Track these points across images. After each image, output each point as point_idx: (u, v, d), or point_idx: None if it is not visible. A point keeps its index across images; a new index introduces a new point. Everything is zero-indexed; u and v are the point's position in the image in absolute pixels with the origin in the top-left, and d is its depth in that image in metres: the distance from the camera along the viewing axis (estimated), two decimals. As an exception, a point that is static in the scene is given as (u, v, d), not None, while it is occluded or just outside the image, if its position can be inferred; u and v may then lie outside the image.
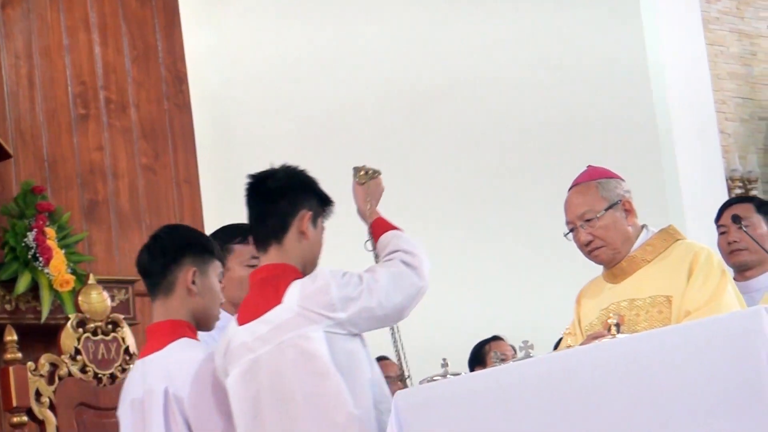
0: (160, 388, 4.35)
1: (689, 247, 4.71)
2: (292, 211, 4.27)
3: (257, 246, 4.33)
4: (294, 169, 4.38)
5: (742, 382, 3.30)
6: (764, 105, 10.01)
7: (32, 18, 7.34)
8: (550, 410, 3.73)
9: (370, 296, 4.12)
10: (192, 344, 4.44)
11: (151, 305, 4.61)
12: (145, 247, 4.60)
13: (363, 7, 8.54)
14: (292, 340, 4.11)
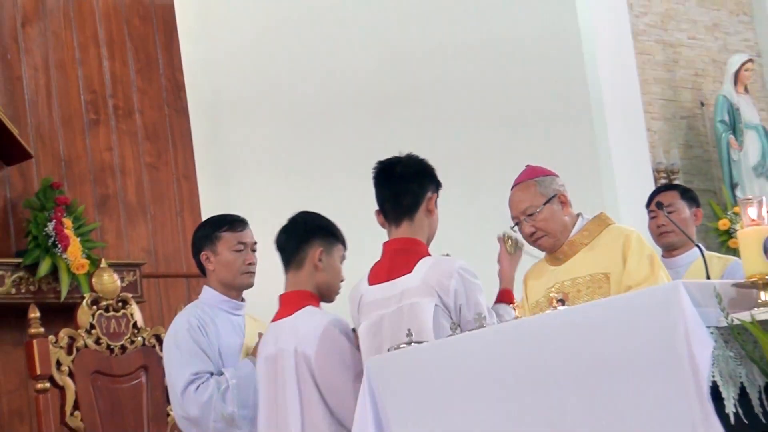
0: (290, 347, 4.51)
1: (620, 231, 4.76)
2: (422, 192, 4.48)
3: (390, 221, 4.51)
4: (417, 157, 4.55)
5: (663, 347, 3.31)
6: (685, 106, 10.04)
7: (48, 35, 7.31)
8: (502, 371, 3.74)
9: (468, 307, 4.28)
10: (316, 311, 4.60)
11: (285, 276, 4.76)
12: (283, 228, 4.78)
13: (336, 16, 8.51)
14: (411, 305, 4.29)
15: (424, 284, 4.31)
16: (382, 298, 4.40)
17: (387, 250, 4.51)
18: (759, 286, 3.38)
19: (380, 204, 4.55)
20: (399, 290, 4.36)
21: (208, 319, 4.94)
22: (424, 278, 4.32)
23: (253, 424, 4.81)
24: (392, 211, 4.49)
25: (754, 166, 9.82)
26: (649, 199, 6.08)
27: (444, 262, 4.39)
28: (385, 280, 4.43)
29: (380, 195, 4.54)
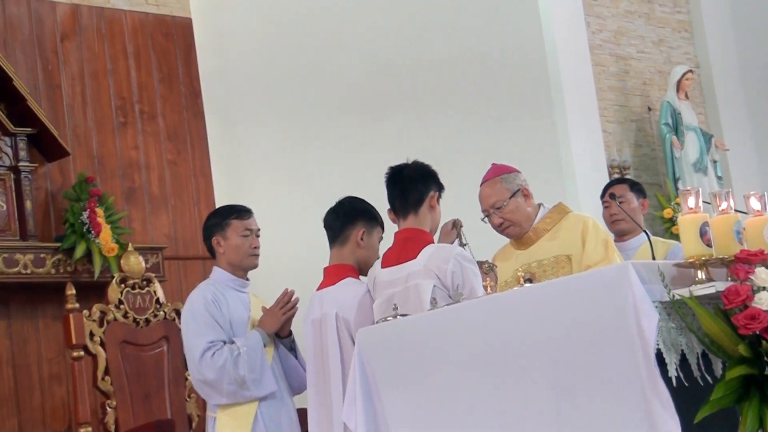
0: (332, 312, 4.58)
1: (578, 218, 4.77)
2: (426, 190, 4.53)
3: (398, 215, 4.57)
4: (422, 163, 4.62)
5: (616, 318, 3.32)
6: (635, 111, 10.01)
7: (83, 49, 7.28)
8: (475, 341, 3.74)
9: (464, 288, 4.25)
10: (355, 282, 4.67)
11: (329, 252, 4.79)
12: (331, 209, 4.83)
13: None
14: (415, 285, 4.32)
15: (426, 268, 4.34)
16: (392, 280, 4.44)
17: (397, 239, 4.55)
18: (696, 266, 3.38)
19: (391, 201, 4.61)
20: (405, 273, 4.40)
21: (219, 295, 4.93)
22: (426, 263, 4.35)
23: (259, 386, 4.81)
24: (400, 207, 4.55)
25: (693, 162, 9.81)
26: (603, 191, 6.07)
27: (444, 249, 4.44)
28: (395, 264, 4.47)
29: (391, 193, 4.60)
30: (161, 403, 6.01)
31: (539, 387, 3.51)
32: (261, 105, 8.15)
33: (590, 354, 3.39)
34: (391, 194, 4.58)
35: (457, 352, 3.78)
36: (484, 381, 3.68)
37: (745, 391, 3.22)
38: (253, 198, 7.01)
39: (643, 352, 3.23)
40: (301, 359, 5.06)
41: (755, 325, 3.19)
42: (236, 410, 4.84)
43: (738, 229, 3.45)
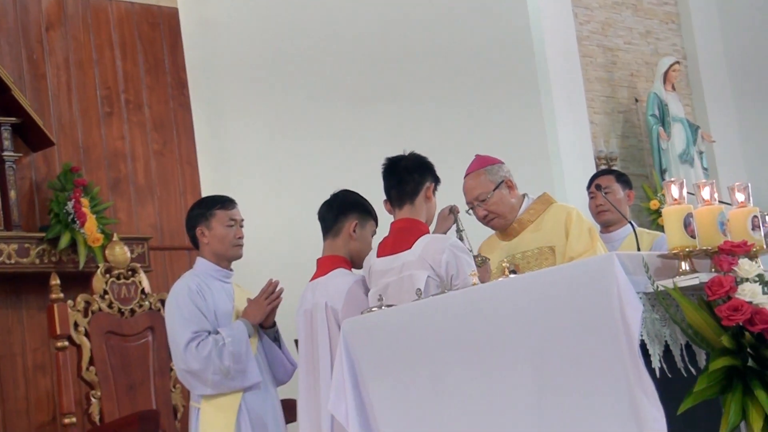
0: (322, 302, 4.62)
1: (562, 208, 4.76)
2: (422, 181, 4.57)
3: (394, 205, 4.60)
4: (419, 154, 4.66)
5: (600, 309, 3.32)
6: (622, 102, 10.01)
7: (69, 38, 7.25)
8: (461, 331, 3.73)
9: (458, 278, 4.28)
10: (345, 272, 4.71)
11: (323, 243, 4.82)
12: (325, 202, 4.87)
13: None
14: (409, 275, 4.36)
15: (420, 259, 4.38)
16: (387, 269, 4.47)
17: (393, 229, 4.58)
18: (680, 257, 3.38)
19: (387, 192, 4.64)
20: (400, 263, 4.44)
21: (204, 285, 4.92)
22: (421, 254, 4.39)
23: (244, 377, 4.80)
24: (396, 197, 4.58)
25: (680, 154, 9.82)
26: (589, 182, 6.08)
27: (438, 240, 4.47)
28: (390, 254, 4.50)
29: (387, 184, 4.63)
30: (146, 394, 5.99)
31: (524, 377, 3.51)
32: (248, 95, 8.12)
33: (575, 345, 3.39)
34: (387, 184, 4.61)
35: (442, 342, 3.78)
36: (469, 371, 3.68)
37: (728, 382, 3.22)
38: (240, 189, 6.99)
39: (628, 343, 3.23)
40: (285, 350, 5.06)
41: (738, 317, 3.19)
42: (220, 401, 4.83)
43: (722, 221, 3.45)
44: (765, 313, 3.22)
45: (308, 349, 4.68)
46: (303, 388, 4.68)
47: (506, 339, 3.58)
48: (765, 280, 3.33)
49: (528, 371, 3.51)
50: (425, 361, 3.83)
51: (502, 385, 3.58)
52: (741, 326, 3.23)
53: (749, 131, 10.62)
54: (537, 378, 3.48)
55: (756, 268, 3.32)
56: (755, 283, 3.28)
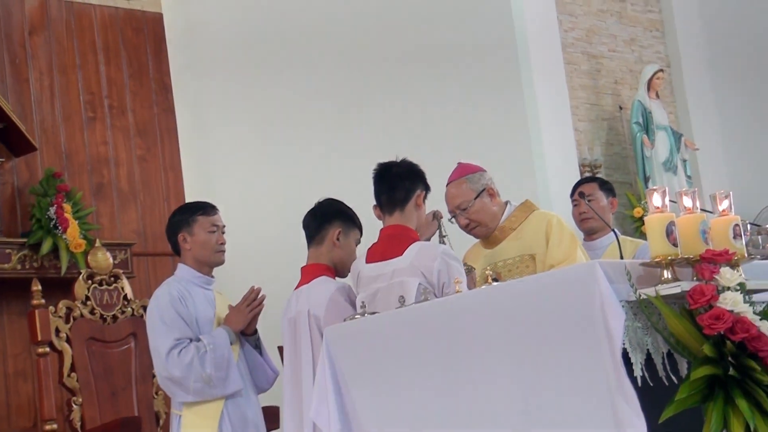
0: (305, 309, 4.62)
1: (543, 216, 4.77)
2: (413, 188, 4.56)
3: (384, 212, 4.60)
4: (411, 162, 4.64)
5: (583, 318, 3.31)
6: (606, 109, 10.03)
7: (52, 43, 7.23)
8: (443, 338, 3.73)
9: (449, 285, 4.28)
10: (328, 280, 4.70)
11: (307, 251, 4.82)
12: (310, 211, 4.86)
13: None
14: (400, 282, 4.35)
15: (412, 266, 4.37)
16: (377, 275, 4.47)
17: (382, 235, 4.57)
18: (662, 265, 3.38)
19: (377, 197, 4.62)
20: (391, 269, 4.43)
21: (185, 292, 4.90)
22: (412, 261, 4.38)
23: (225, 385, 4.78)
24: (387, 203, 4.57)
25: (664, 161, 9.83)
26: (572, 190, 6.07)
27: (430, 248, 4.46)
28: (380, 260, 4.49)
29: (377, 189, 4.61)
30: (128, 400, 5.96)
31: (507, 385, 3.50)
32: (232, 101, 8.12)
33: (557, 352, 3.38)
34: (378, 190, 4.60)
35: (425, 350, 3.77)
36: (452, 379, 3.67)
37: (709, 391, 3.22)
38: (224, 194, 6.99)
39: (610, 352, 3.22)
40: (266, 356, 5.05)
41: (720, 326, 3.19)
42: (202, 408, 4.81)
43: (704, 229, 3.45)
44: (746, 322, 3.22)
45: (292, 357, 4.68)
46: (287, 395, 4.68)
47: (490, 347, 3.57)
48: (746, 289, 3.33)
49: (511, 379, 3.50)
50: (408, 369, 3.82)
51: (485, 392, 3.57)
52: (722, 335, 3.23)
53: (732, 139, 10.65)
54: (520, 386, 3.47)
55: (737, 276, 3.32)
56: (736, 292, 3.28)
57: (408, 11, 8.75)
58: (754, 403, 3.20)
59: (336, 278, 4.76)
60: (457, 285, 4.40)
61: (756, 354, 3.25)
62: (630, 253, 5.57)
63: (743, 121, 10.69)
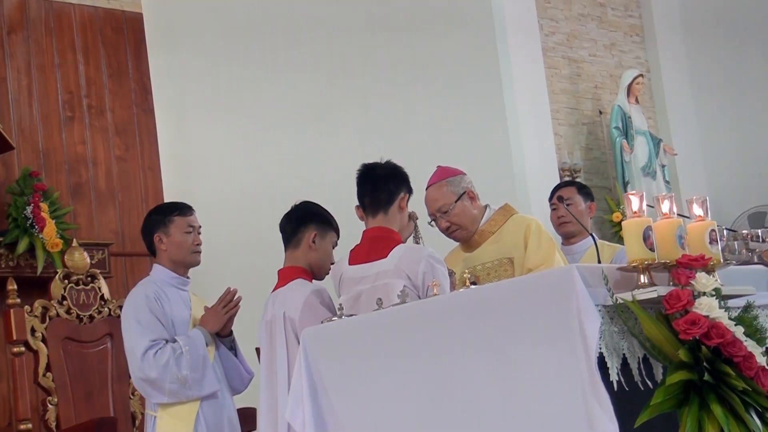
0: (280, 312, 4.59)
1: (522, 220, 4.77)
2: (397, 191, 4.55)
3: (367, 213, 4.58)
4: (395, 164, 4.63)
5: (559, 321, 3.31)
6: (586, 114, 10.07)
7: (31, 42, 7.21)
8: (421, 341, 3.72)
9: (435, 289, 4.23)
10: (304, 283, 4.66)
11: (284, 254, 4.79)
12: (286, 214, 4.82)
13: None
14: (385, 285, 4.34)
15: (397, 269, 4.37)
16: (361, 277, 4.46)
17: (366, 237, 4.55)
18: (639, 270, 3.39)
19: (360, 198, 4.60)
20: (375, 271, 4.42)
21: (161, 292, 4.89)
22: (397, 263, 4.38)
23: (201, 386, 4.77)
24: (370, 205, 4.55)
25: (642, 167, 9.88)
26: (551, 194, 6.08)
27: (415, 250, 4.46)
28: (364, 262, 4.48)
29: (361, 191, 4.59)
30: (104, 401, 5.93)
31: (485, 387, 3.51)
32: (212, 102, 8.11)
33: (534, 355, 3.38)
34: (361, 191, 4.59)
35: (402, 352, 3.77)
36: (429, 382, 3.67)
37: (684, 396, 3.23)
38: (202, 196, 6.98)
39: (585, 356, 3.22)
40: (241, 358, 5.04)
41: (695, 330, 3.20)
42: (178, 409, 4.80)
43: (680, 234, 3.46)
44: (721, 327, 3.23)
45: (269, 359, 4.67)
46: (264, 397, 4.67)
47: (466, 349, 3.57)
48: (722, 295, 3.34)
49: (487, 381, 3.50)
50: (386, 371, 3.81)
51: (462, 395, 3.57)
52: (698, 340, 3.24)
53: (711, 144, 10.71)
54: (497, 387, 3.48)
55: (713, 282, 3.33)
56: (712, 297, 3.29)
57: (389, 15, 8.76)
58: (729, 408, 3.20)
59: (312, 281, 4.75)
60: (435, 288, 4.41)
61: (731, 359, 3.26)
62: (608, 257, 5.59)
63: (722, 127, 10.75)
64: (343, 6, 8.60)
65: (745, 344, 3.28)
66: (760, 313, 3.62)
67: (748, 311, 3.46)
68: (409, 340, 3.75)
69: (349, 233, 4.89)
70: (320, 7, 8.50)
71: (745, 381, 3.25)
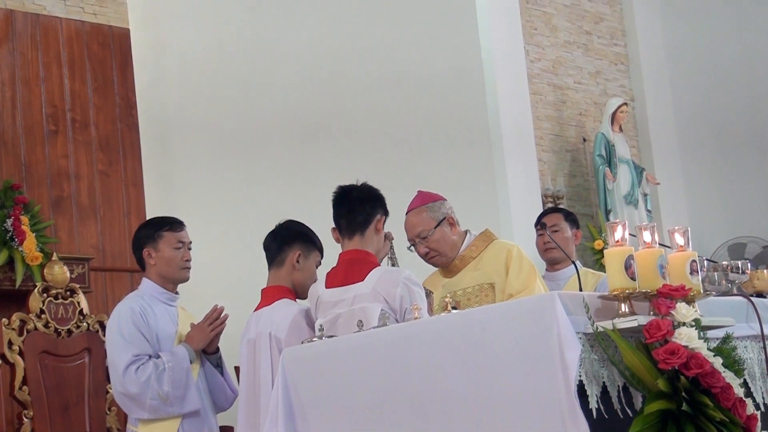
0: (266, 331, 4.59)
1: (502, 246, 4.79)
2: (373, 213, 4.52)
3: (343, 235, 4.55)
4: (371, 186, 4.61)
5: (539, 348, 3.33)
6: (570, 141, 10.12)
7: (16, 55, 7.20)
8: (400, 364, 3.73)
9: (410, 313, 4.23)
10: (290, 302, 4.69)
11: (267, 273, 4.80)
12: (270, 232, 4.84)
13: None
14: (362, 308, 4.31)
15: (374, 291, 4.35)
16: (338, 300, 4.43)
17: (342, 260, 4.52)
18: (620, 299, 3.41)
19: (336, 220, 4.58)
20: (352, 295, 4.40)
21: (147, 307, 4.88)
22: (374, 286, 4.36)
23: (182, 403, 4.77)
24: (346, 227, 4.52)
25: (625, 195, 9.92)
26: (537, 220, 6.11)
27: (392, 273, 4.44)
28: (340, 285, 4.45)
29: (337, 213, 4.56)
30: (80, 416, 5.91)
31: (462, 412, 3.51)
32: (197, 119, 8.11)
33: (513, 381, 3.40)
34: (337, 213, 4.56)
35: (381, 374, 3.77)
36: (407, 405, 3.67)
37: (662, 425, 3.25)
38: (185, 212, 6.92)
39: (565, 383, 3.24)
40: (227, 376, 5.03)
41: (674, 360, 3.22)
42: (158, 426, 4.79)
43: (662, 264, 3.49)
44: (700, 358, 3.25)
45: (250, 378, 4.66)
46: (242, 416, 4.66)
47: (446, 373, 3.58)
48: (701, 325, 3.37)
49: (464, 406, 3.51)
50: (364, 393, 3.82)
51: (440, 419, 3.58)
52: (677, 370, 3.26)
53: (693, 174, 10.78)
54: (475, 411, 3.49)
55: (693, 312, 3.36)
56: (692, 328, 3.31)
57: (376, 40, 8.79)
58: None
59: (297, 300, 4.75)
60: (416, 312, 4.43)
61: (709, 390, 3.28)
62: (592, 285, 5.61)
63: (704, 157, 10.82)
64: (330, 31, 8.64)
65: (723, 375, 3.31)
66: (739, 345, 3.66)
67: (727, 342, 3.49)
68: (389, 363, 3.76)
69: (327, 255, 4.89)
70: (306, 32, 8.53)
71: (723, 412, 3.27)
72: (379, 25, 8.83)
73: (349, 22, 8.73)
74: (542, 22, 10.07)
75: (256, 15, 8.42)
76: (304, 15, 8.57)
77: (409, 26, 8.91)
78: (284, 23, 8.48)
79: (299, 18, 8.54)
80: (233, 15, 8.35)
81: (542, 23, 10.07)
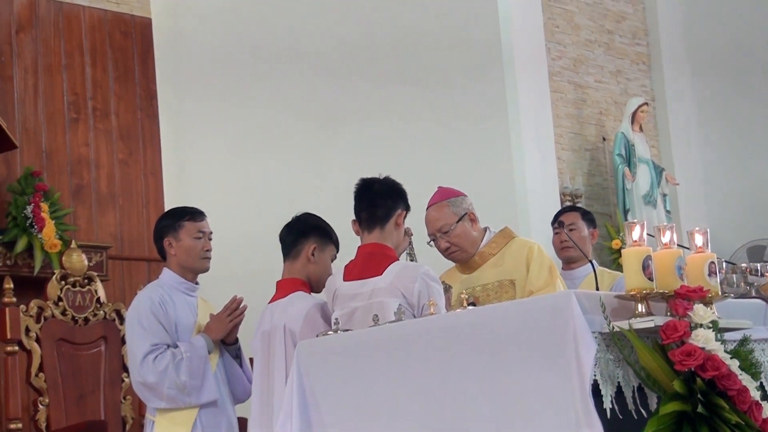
0: (281, 324, 4.57)
1: (523, 243, 4.78)
2: (394, 207, 4.50)
3: (363, 228, 4.53)
4: (393, 180, 4.60)
5: (555, 346, 3.32)
6: (589, 140, 10.09)
7: (39, 42, 7.22)
8: (416, 360, 3.72)
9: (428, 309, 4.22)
10: (305, 296, 4.67)
11: (283, 265, 4.79)
12: (286, 225, 4.82)
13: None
14: (379, 302, 4.29)
15: (392, 286, 4.33)
16: (355, 294, 4.42)
17: (360, 253, 4.51)
18: (637, 299, 3.40)
19: (357, 213, 4.56)
20: (369, 288, 4.38)
21: (167, 297, 4.88)
22: (392, 281, 4.34)
23: (200, 394, 4.77)
24: (367, 220, 4.51)
25: (644, 195, 9.89)
26: (554, 218, 6.09)
27: (410, 268, 4.42)
28: (358, 278, 4.43)
29: (358, 205, 4.55)
30: (95, 404, 5.94)
31: (479, 407, 3.51)
32: (216, 109, 8.13)
33: (529, 378, 3.39)
34: (358, 206, 4.55)
35: (397, 370, 3.77)
36: (423, 401, 3.67)
37: (677, 427, 3.23)
38: (204, 202, 6.90)
39: (579, 382, 3.23)
40: (245, 367, 5.03)
41: (691, 362, 3.21)
42: (176, 415, 4.80)
43: (680, 265, 3.47)
44: (717, 360, 3.24)
45: (264, 370, 4.65)
46: (256, 408, 4.66)
47: (462, 369, 3.57)
48: (718, 327, 3.35)
49: (482, 403, 3.51)
50: (378, 387, 3.81)
51: (456, 415, 3.58)
52: (693, 372, 3.25)
53: (713, 176, 10.74)
54: (491, 408, 3.48)
55: (710, 314, 3.34)
56: (709, 330, 3.30)
57: (395, 32, 8.78)
58: (721, 441, 3.22)
59: (311, 293, 4.75)
60: (432, 307, 4.42)
61: (725, 392, 3.27)
62: (608, 284, 5.59)
63: (725, 158, 10.77)
64: (349, 26, 8.62)
65: (739, 378, 3.29)
66: (756, 348, 3.64)
67: (744, 345, 3.47)
68: (404, 357, 3.75)
69: (346, 247, 4.88)
70: (325, 24, 8.53)
71: (739, 415, 3.26)
72: (398, 24, 8.81)
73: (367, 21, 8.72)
74: (564, 20, 10.04)
75: (276, 5, 8.42)
76: (329, 7, 8.56)
77: (430, 36, 8.89)
78: (306, 11, 8.48)
79: (321, 8, 8.54)
80: (255, 5, 8.35)
81: (564, 21, 10.04)
